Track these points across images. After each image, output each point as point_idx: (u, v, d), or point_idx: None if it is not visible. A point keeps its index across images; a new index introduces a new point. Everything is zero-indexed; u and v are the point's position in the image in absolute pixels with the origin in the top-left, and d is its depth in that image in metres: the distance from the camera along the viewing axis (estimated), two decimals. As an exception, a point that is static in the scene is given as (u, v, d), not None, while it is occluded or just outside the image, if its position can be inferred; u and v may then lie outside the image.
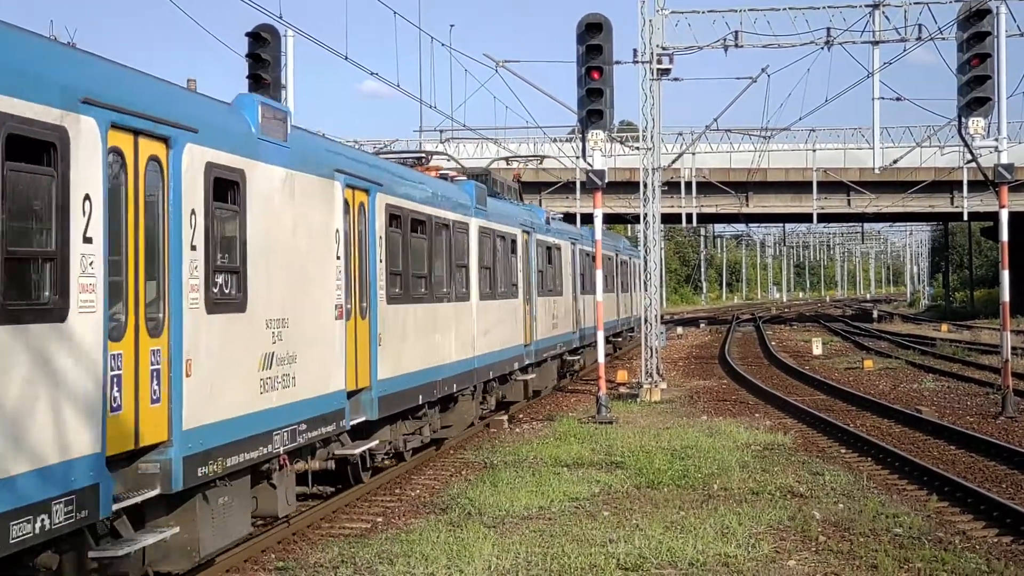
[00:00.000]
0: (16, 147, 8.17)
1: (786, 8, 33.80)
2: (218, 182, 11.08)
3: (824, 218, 73.54)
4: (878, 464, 18.82)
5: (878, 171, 48.07)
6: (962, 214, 65.73)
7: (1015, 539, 13.37)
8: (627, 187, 54.65)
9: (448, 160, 27.52)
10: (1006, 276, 25.89)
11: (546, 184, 60.85)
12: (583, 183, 49.14)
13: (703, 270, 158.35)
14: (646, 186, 31.92)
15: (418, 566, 11.96)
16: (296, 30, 27.30)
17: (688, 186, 60.95)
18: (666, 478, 17.12)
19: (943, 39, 30.83)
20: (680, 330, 66.10)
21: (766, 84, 34.61)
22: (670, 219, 63.56)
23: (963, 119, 24.46)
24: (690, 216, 64.24)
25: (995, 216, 35.76)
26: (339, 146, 15.65)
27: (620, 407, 26.76)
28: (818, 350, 45.65)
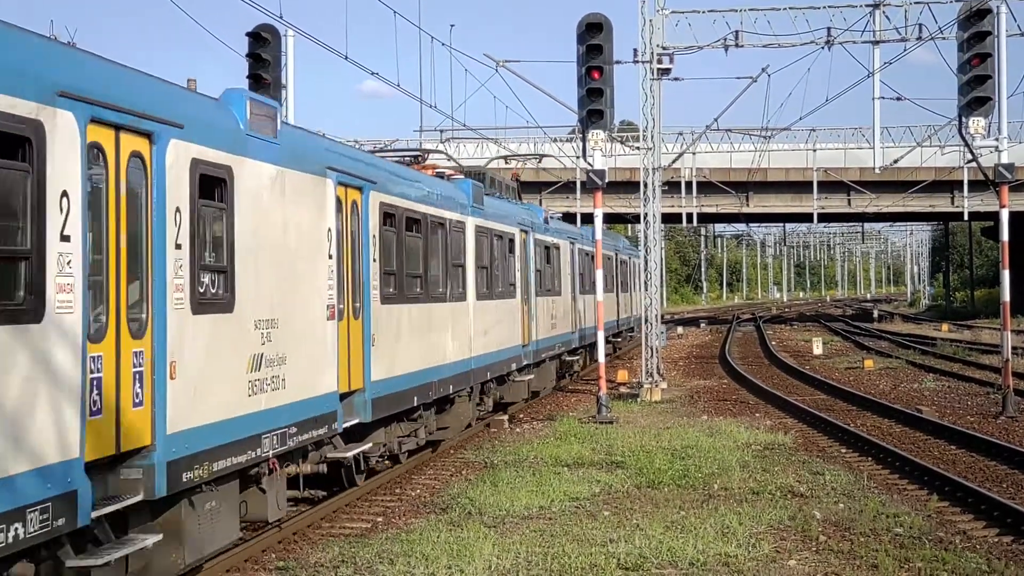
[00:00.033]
0: (-12, 142, 7.89)
1: (786, 8, 33.80)
2: (204, 179, 10.80)
3: (824, 218, 73.46)
4: (878, 464, 18.79)
5: (878, 171, 48.10)
6: (962, 214, 65.71)
7: (1016, 539, 13.35)
8: (627, 187, 54.52)
9: (447, 159, 27.30)
10: (1006, 276, 25.87)
11: (546, 184, 60.72)
12: (583, 183, 49.02)
13: (703, 270, 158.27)
14: (646, 186, 31.89)
15: (418, 566, 11.93)
16: (296, 30, 27.24)
17: (688, 186, 60.95)
18: (666, 478, 17.09)
19: (943, 39, 30.94)
20: (680, 330, 66.03)
21: (766, 84, 34.69)
22: (670, 219, 63.55)
23: (963, 119, 24.46)
24: (690, 216, 64.30)
25: (995, 216, 35.86)
26: (331, 143, 15.37)
27: (620, 407, 26.77)
28: (818, 350, 45.70)
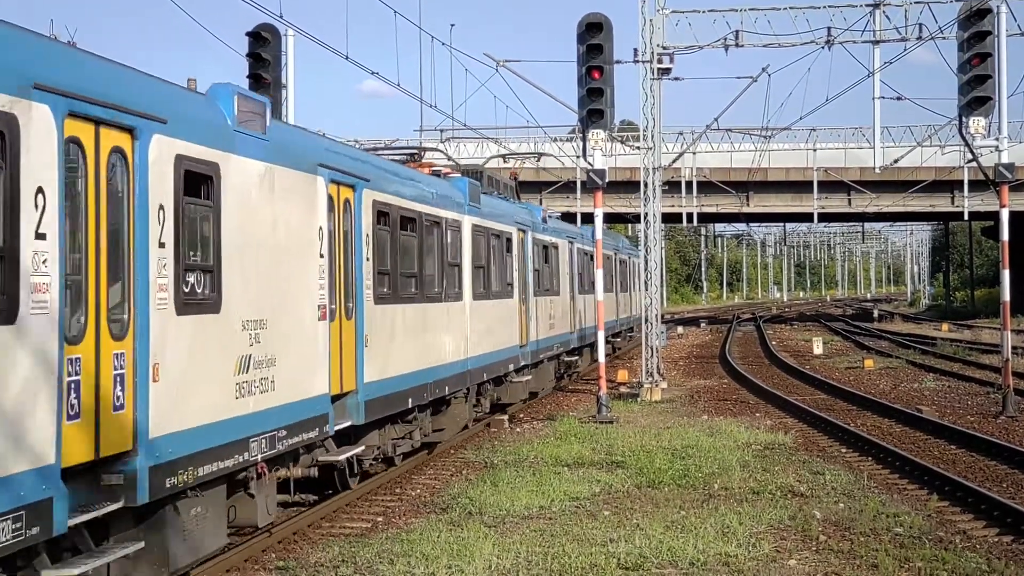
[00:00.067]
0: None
1: (786, 8, 33.76)
2: (190, 176, 10.51)
3: (825, 218, 73.29)
4: (879, 463, 18.76)
5: (879, 170, 48.11)
6: (963, 213, 65.62)
7: (1015, 539, 13.33)
8: (627, 187, 54.35)
9: (444, 157, 27.08)
10: (1006, 276, 25.84)
11: (546, 184, 60.56)
12: (583, 183, 48.86)
13: (704, 270, 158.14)
14: (646, 186, 31.82)
15: (418, 565, 11.89)
16: (297, 29, 27.10)
17: (689, 186, 60.85)
18: (667, 477, 17.05)
19: (944, 38, 30.95)
20: (681, 329, 65.89)
21: (766, 83, 34.70)
22: (670, 219, 63.42)
23: (964, 118, 24.42)
24: (690, 216, 64.22)
25: (996, 215, 35.80)
26: (323, 140, 15.07)
27: (621, 407, 26.72)
28: (819, 349, 45.69)
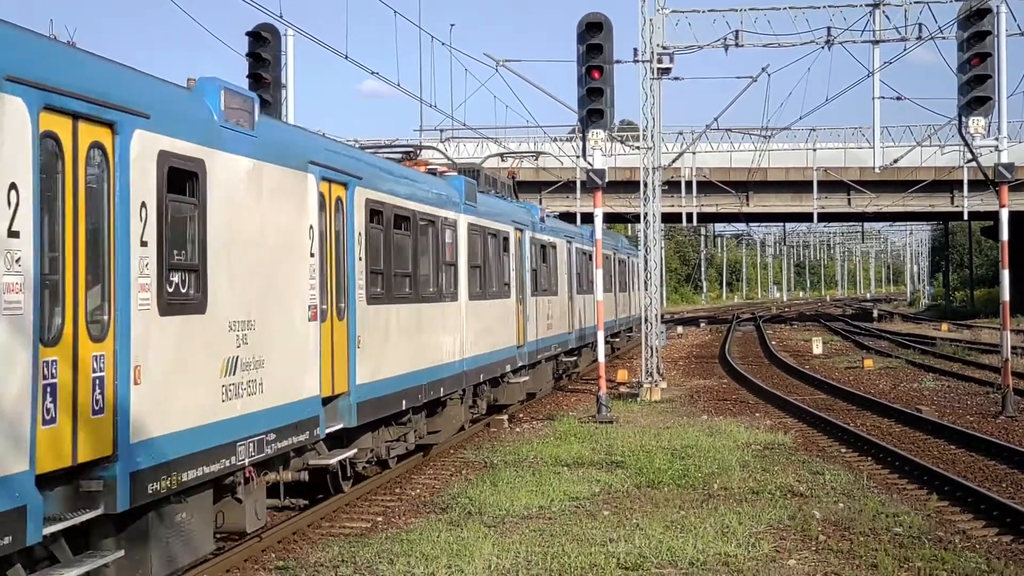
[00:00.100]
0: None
1: (786, 7, 33.72)
2: (173, 172, 10.21)
3: (824, 217, 73.10)
4: (878, 463, 18.71)
5: (878, 170, 48.11)
6: (962, 213, 65.49)
7: (1015, 538, 13.29)
8: (627, 186, 54.16)
9: (441, 156, 26.82)
10: (1006, 275, 25.79)
11: (546, 183, 60.38)
12: (583, 182, 48.68)
13: (703, 269, 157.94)
14: (646, 185, 31.71)
15: (418, 565, 11.85)
16: (296, 29, 26.95)
17: (688, 185, 60.73)
18: (666, 477, 16.99)
19: (943, 38, 30.96)
20: (680, 329, 65.72)
21: (766, 83, 34.71)
22: (670, 218, 63.26)
23: (963, 118, 24.36)
24: (690, 215, 64.05)
25: (995, 215, 35.67)
26: (313, 136, 14.76)
27: (620, 407, 26.63)
28: (818, 349, 45.59)
